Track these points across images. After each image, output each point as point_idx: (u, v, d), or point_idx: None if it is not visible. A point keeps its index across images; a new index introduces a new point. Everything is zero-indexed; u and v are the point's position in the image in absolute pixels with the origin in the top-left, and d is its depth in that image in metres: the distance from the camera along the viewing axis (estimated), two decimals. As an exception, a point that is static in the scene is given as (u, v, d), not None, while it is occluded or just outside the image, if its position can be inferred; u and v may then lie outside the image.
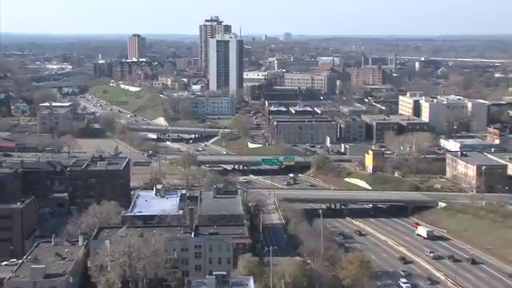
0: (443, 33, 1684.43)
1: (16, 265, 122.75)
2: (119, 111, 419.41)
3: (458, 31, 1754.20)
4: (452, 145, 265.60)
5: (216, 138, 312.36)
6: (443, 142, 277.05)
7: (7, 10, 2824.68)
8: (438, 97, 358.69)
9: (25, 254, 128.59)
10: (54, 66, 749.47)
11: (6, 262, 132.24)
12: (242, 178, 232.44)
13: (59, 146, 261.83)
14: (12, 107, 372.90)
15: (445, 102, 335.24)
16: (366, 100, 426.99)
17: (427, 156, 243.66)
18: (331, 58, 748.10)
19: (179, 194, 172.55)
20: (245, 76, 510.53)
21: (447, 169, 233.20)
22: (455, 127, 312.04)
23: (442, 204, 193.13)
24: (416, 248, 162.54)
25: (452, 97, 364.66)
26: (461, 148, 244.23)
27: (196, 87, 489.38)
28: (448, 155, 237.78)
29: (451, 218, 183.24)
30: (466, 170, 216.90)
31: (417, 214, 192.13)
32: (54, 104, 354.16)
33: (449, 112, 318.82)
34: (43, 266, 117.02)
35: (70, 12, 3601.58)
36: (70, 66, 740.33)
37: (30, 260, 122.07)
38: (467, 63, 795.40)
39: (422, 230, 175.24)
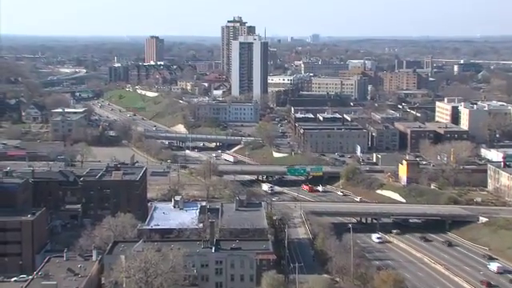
0: (484, 33, 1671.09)
1: (26, 281, 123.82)
2: (120, 111, 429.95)
3: (500, 31, 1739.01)
4: (494, 155, 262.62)
5: (239, 147, 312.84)
6: (484, 152, 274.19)
7: (19, 12, 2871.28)
8: (479, 103, 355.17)
9: (35, 270, 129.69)
10: (68, 70, 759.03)
11: (15, 278, 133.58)
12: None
13: (72, 155, 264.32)
14: (23, 113, 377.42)
15: (486, 109, 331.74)
16: (400, 106, 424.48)
17: (466, 167, 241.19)
18: (362, 61, 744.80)
19: (199, 206, 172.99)
20: (269, 80, 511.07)
21: (489, 181, 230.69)
22: (497, 135, 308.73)
23: (482, 219, 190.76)
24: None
25: (494, 102, 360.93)
26: (504, 158, 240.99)
27: (217, 92, 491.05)
28: (490, 166, 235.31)
29: (493, 235, 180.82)
30: (510, 182, 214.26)
31: (455, 229, 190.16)
32: (66, 110, 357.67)
33: (490, 119, 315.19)
34: (54, 282, 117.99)
35: (84, 13, 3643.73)
36: (84, 70, 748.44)
37: (40, 276, 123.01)
38: (511, 66, 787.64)
39: None
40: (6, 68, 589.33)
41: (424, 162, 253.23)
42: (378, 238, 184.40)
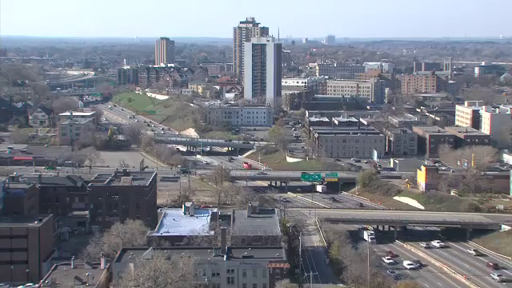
0: (507, 34, 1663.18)
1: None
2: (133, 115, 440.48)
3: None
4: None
5: (251, 152, 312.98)
6: (507, 157, 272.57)
7: (27, 12, 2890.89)
8: (501, 106, 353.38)
9: (42, 278, 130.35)
10: (76, 72, 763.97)
11: (21, 287, 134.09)
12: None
13: (80, 160, 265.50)
14: (30, 117, 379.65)
15: (508, 112, 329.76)
16: (418, 110, 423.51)
17: (488, 173, 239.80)
18: (379, 63, 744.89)
19: (210, 212, 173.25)
20: (283, 83, 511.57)
21: (511, 187, 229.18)
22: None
23: (505, 227, 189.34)
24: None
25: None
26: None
27: (229, 95, 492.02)
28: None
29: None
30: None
31: (476, 237, 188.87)
32: (74, 114, 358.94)
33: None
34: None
35: (93, 14, 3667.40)
36: (93, 72, 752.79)
37: (47, 284, 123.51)
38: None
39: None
40: (13, 70, 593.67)
41: (443, 168, 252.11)
42: None
